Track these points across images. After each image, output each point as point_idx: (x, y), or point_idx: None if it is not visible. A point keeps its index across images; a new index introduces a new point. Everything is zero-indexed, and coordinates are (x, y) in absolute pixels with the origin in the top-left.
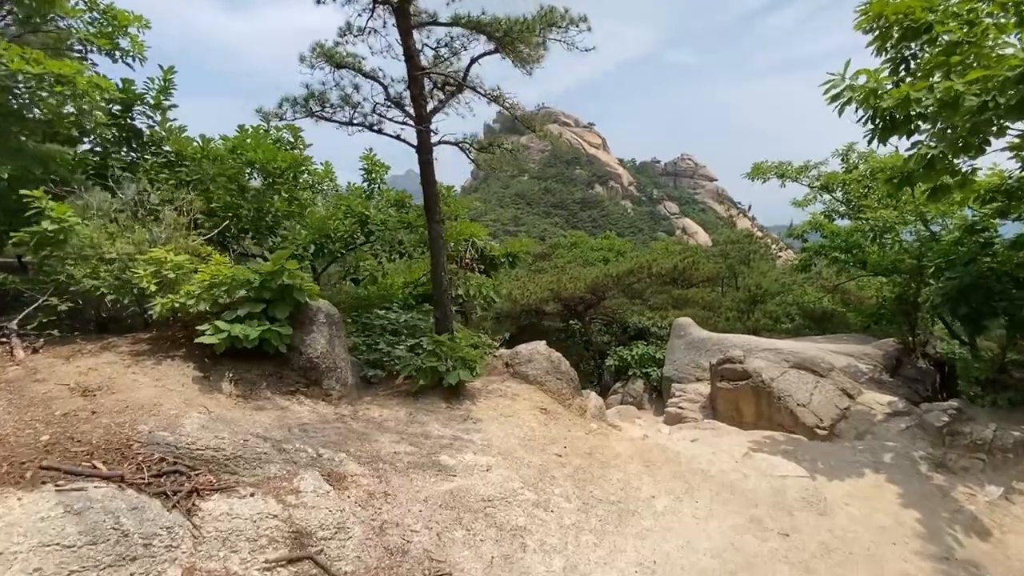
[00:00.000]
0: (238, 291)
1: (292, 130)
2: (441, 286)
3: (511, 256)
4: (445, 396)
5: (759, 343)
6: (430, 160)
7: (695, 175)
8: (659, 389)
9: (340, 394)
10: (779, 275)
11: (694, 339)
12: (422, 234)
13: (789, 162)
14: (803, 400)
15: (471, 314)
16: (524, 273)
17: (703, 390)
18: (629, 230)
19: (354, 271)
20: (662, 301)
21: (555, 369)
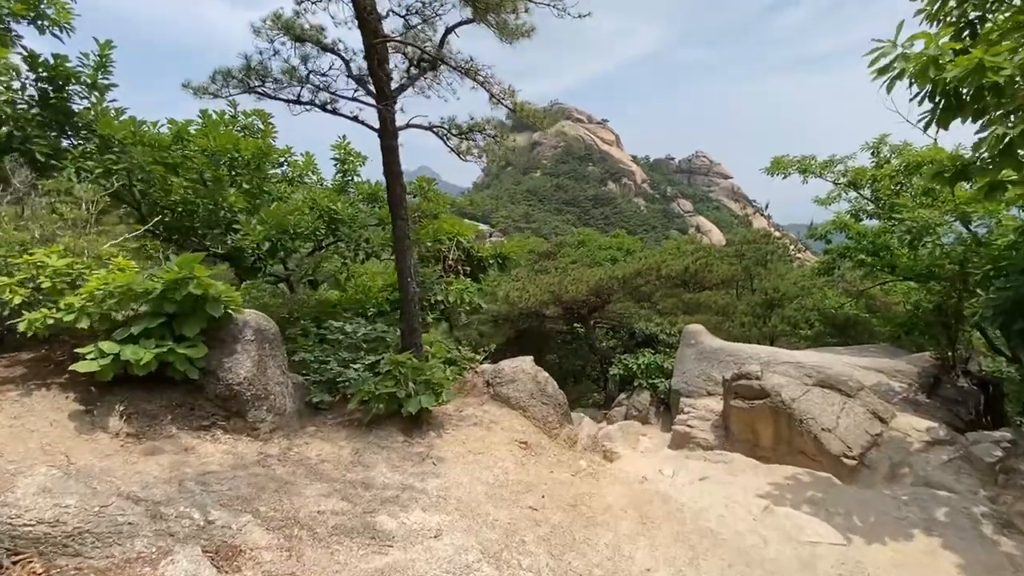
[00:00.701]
0: (136, 303)
1: (261, 116)
2: (408, 293)
3: (500, 258)
4: (405, 427)
5: (778, 355)
6: (394, 146)
7: (709, 172)
8: (667, 402)
9: (273, 426)
10: (798, 278)
11: (706, 349)
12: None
13: (813, 156)
14: (828, 424)
15: (455, 321)
16: (525, 273)
17: (715, 406)
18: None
19: (312, 272)
20: (671, 305)
21: (541, 392)
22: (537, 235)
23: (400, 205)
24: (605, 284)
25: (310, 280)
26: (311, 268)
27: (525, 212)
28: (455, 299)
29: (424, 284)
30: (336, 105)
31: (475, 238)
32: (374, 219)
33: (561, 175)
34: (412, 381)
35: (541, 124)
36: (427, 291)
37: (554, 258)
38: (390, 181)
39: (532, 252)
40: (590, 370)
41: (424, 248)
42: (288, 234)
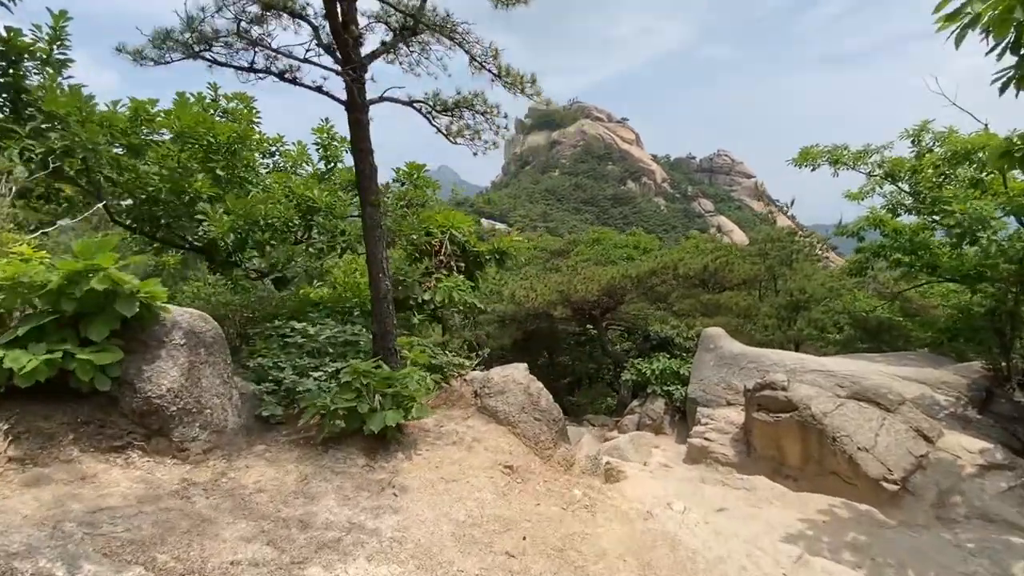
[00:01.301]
0: (39, 300)
1: (243, 100)
2: (379, 290)
3: (498, 253)
4: (368, 447)
5: (806, 362)
6: (362, 120)
7: (731, 171)
8: (683, 410)
9: (208, 446)
10: (825, 279)
11: (726, 354)
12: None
13: (845, 146)
14: (865, 443)
15: (448, 323)
16: (535, 271)
17: (735, 418)
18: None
19: (280, 267)
20: (689, 307)
21: (533, 405)
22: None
23: (369, 189)
24: (618, 284)
25: (277, 276)
26: (280, 262)
27: (543, 211)
28: (443, 298)
29: (406, 281)
30: (298, 74)
31: (472, 231)
32: (355, 208)
33: (580, 174)
34: (379, 393)
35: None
36: (408, 289)
37: (567, 256)
38: (358, 161)
39: (543, 250)
40: (604, 373)
41: (408, 241)
42: (258, 225)
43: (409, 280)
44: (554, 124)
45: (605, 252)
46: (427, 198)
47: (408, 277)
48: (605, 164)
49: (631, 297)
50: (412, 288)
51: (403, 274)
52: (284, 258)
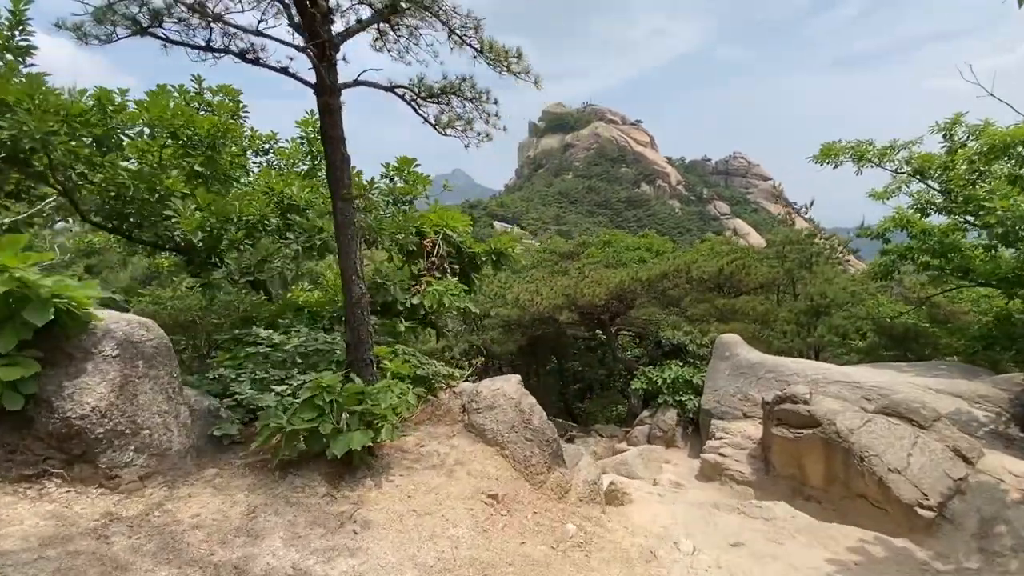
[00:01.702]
0: None
1: (229, 93)
2: (352, 295)
3: (496, 254)
4: (332, 472)
5: (828, 372)
6: (332, 105)
7: (748, 174)
8: (696, 421)
9: (145, 472)
10: (847, 282)
11: (742, 362)
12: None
13: (869, 141)
14: (897, 464)
15: (443, 329)
16: (541, 275)
17: (752, 432)
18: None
19: (253, 269)
20: (703, 312)
21: (524, 424)
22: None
23: (341, 182)
24: (627, 287)
25: (249, 279)
26: (253, 264)
27: (556, 214)
28: (432, 303)
29: (385, 284)
30: (262, 54)
31: (469, 231)
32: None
33: (593, 177)
34: (346, 411)
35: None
36: (388, 292)
37: (576, 259)
38: (328, 151)
39: (552, 252)
40: (614, 380)
41: (393, 241)
42: (232, 223)
43: (389, 283)
44: (567, 127)
45: (616, 255)
46: (417, 195)
47: (388, 280)
48: (619, 167)
49: (641, 301)
50: (398, 292)
51: (385, 276)
52: (256, 259)
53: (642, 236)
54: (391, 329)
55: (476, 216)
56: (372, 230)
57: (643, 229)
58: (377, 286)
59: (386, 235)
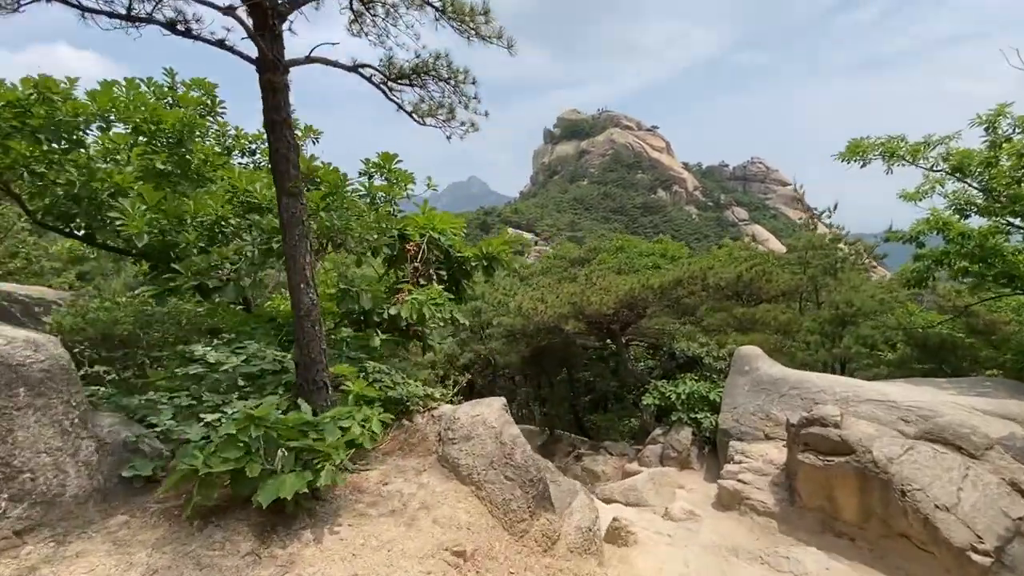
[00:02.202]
0: None
1: (203, 86)
2: (301, 306)
3: (487, 259)
4: (263, 522)
5: (860, 389)
6: (276, 83)
7: (766, 179)
8: (713, 441)
9: (25, 525)
10: (875, 290)
11: (763, 378)
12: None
13: (901, 136)
14: (945, 500)
15: (427, 342)
16: (549, 281)
17: (775, 455)
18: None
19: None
20: (720, 321)
21: (506, 459)
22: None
23: (287, 173)
24: (638, 295)
25: (198, 286)
26: (203, 268)
27: (571, 220)
28: (410, 313)
29: (351, 291)
30: (196, 25)
31: (460, 234)
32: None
33: (609, 183)
34: (282, 448)
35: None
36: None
37: (587, 265)
38: (271, 138)
39: (563, 258)
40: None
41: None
42: (186, 224)
43: (355, 290)
44: (582, 133)
45: (629, 260)
46: (399, 194)
47: (356, 286)
48: (635, 173)
49: (653, 310)
50: (366, 300)
51: (349, 282)
52: (207, 264)
53: (656, 241)
54: (364, 344)
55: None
56: (335, 230)
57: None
58: (344, 294)
59: (354, 236)
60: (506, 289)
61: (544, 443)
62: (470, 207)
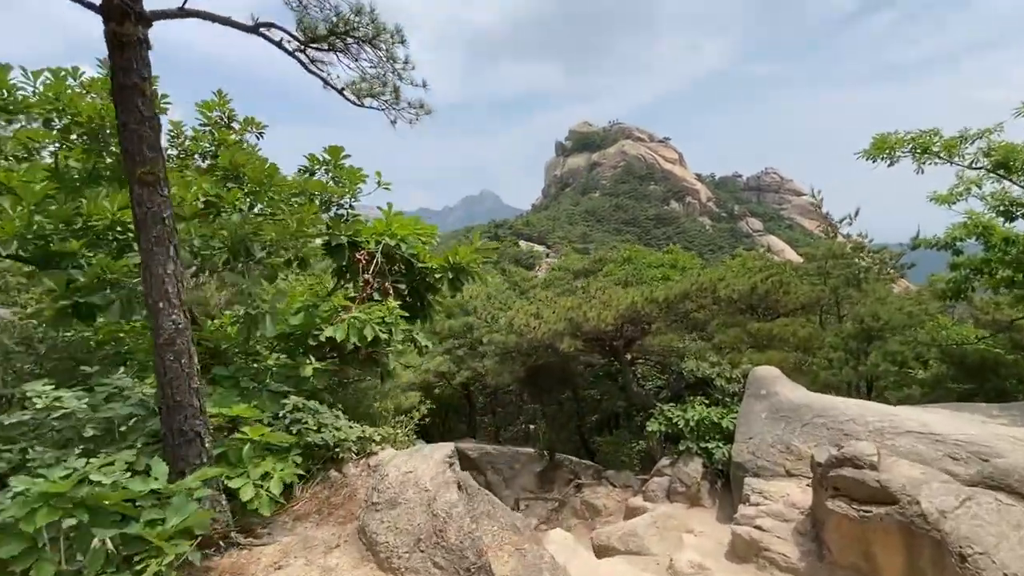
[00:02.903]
0: None
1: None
2: (162, 332)
3: (454, 270)
4: None
5: (896, 419)
6: (125, 37)
7: (780, 189)
8: (726, 473)
9: None
10: (903, 302)
11: (783, 403)
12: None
13: (935, 131)
14: (1018, 569)
15: (385, 368)
16: (549, 295)
17: (798, 497)
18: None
19: (83, 293)
20: (733, 338)
21: (437, 537)
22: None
23: (139, 155)
24: (641, 309)
25: (75, 306)
26: (86, 285)
27: (583, 232)
28: (345, 335)
29: (256, 302)
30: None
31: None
32: (242, 205)
33: (621, 195)
34: (96, 538)
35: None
36: (252, 324)
37: (593, 277)
38: (118, 109)
39: (567, 270)
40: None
41: (283, 250)
42: (74, 230)
43: (259, 310)
44: (594, 146)
45: (637, 272)
46: (347, 194)
47: (259, 298)
48: (647, 184)
49: (658, 326)
50: (268, 324)
51: (256, 295)
52: (93, 276)
53: (666, 252)
54: (292, 373)
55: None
56: (240, 236)
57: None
58: (245, 317)
59: (259, 243)
60: (502, 303)
61: (543, 470)
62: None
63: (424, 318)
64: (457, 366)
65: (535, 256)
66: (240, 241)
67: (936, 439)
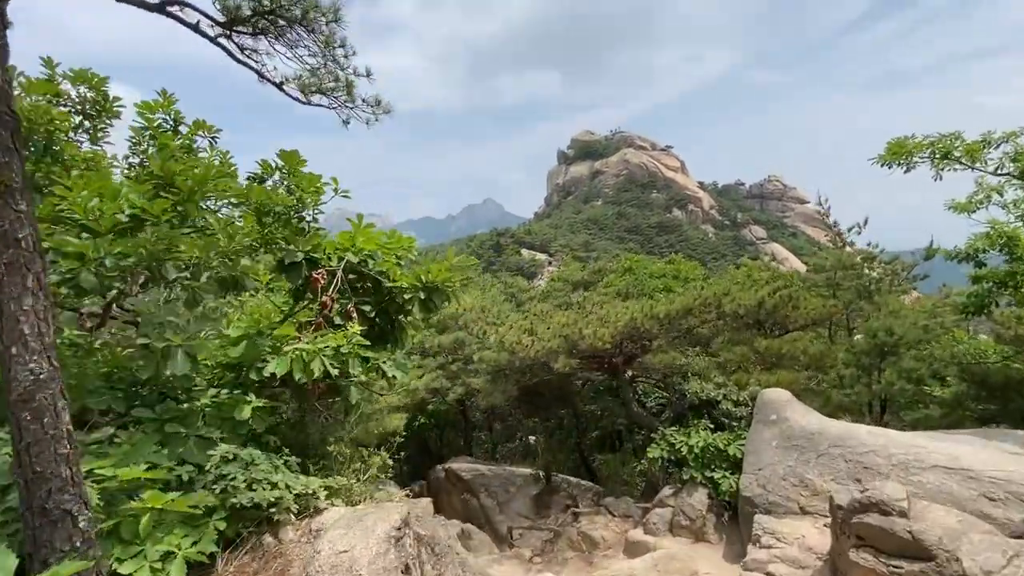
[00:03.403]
0: None
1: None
2: (16, 385)
3: (427, 288)
4: None
5: (922, 451)
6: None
7: (784, 197)
8: (735, 507)
9: None
10: (919, 315)
11: (795, 430)
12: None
13: (956, 134)
14: None
15: (348, 402)
16: (541, 308)
17: (814, 539)
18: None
19: None
20: (739, 356)
21: None
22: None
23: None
24: (640, 326)
25: None
26: None
27: (585, 241)
28: (286, 370)
29: (163, 346)
30: None
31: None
32: (168, 217)
33: (623, 203)
34: None
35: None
36: (149, 365)
37: (592, 288)
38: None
39: (565, 281)
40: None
41: (209, 271)
42: None
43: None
44: (596, 154)
45: (638, 282)
46: (301, 203)
47: (173, 328)
48: (649, 192)
49: (660, 343)
50: (181, 360)
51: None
52: None
53: (668, 261)
54: (226, 416)
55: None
56: (147, 256)
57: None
58: (157, 353)
59: (175, 262)
60: (495, 316)
61: (539, 493)
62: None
63: (395, 343)
64: (451, 382)
65: (537, 264)
66: (152, 260)
67: (968, 476)
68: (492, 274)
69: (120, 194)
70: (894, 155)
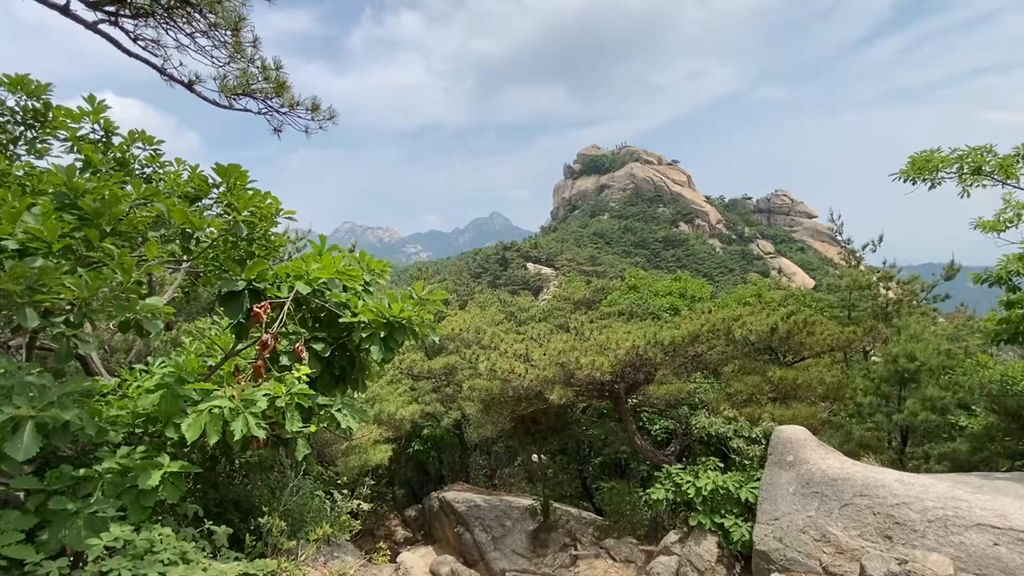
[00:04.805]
0: None
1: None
2: None
3: (392, 326)
4: None
5: (961, 504)
6: None
7: (791, 212)
8: (747, 557)
9: None
10: (941, 340)
11: (815, 475)
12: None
13: (987, 147)
14: None
15: (295, 453)
16: (538, 330)
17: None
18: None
19: None
20: (751, 387)
21: None
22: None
23: None
24: (643, 354)
25: None
26: None
27: (591, 255)
28: (199, 434)
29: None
30: None
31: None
32: (73, 245)
33: (629, 217)
34: None
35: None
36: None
37: (595, 308)
38: None
39: (566, 300)
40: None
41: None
42: None
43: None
44: (603, 168)
45: (643, 300)
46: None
47: (22, 394)
48: (656, 206)
49: (664, 373)
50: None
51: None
52: None
53: (675, 278)
54: (134, 482)
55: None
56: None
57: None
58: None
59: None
60: (490, 338)
61: (536, 529)
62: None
63: (356, 384)
64: (445, 406)
65: (543, 278)
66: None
67: (1019, 538)
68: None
69: (18, 217)
70: (918, 170)
